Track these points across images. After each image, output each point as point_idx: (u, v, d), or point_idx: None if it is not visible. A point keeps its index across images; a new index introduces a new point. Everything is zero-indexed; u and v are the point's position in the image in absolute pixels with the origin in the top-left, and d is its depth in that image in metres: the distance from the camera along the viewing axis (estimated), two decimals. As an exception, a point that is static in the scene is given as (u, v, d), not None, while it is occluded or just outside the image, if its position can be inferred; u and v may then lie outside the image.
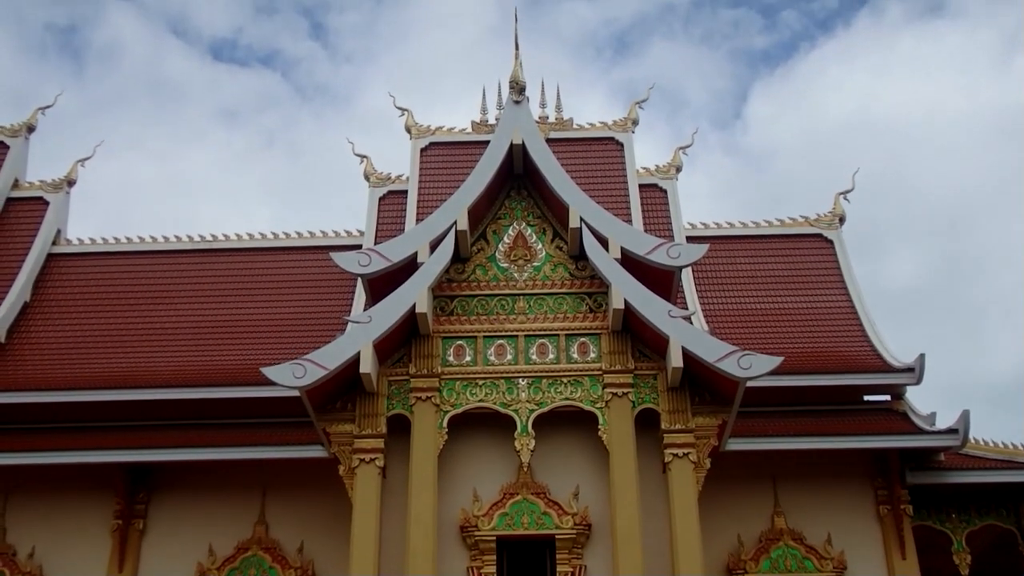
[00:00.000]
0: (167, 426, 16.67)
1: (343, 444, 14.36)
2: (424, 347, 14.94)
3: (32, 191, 21.35)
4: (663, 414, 14.49)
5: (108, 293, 19.79)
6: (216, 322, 18.94)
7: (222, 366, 17.52)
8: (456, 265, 15.54)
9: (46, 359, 18.06)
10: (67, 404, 16.67)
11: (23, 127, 22.09)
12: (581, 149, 20.04)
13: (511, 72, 16.61)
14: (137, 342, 18.49)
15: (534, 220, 16.00)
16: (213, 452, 15.50)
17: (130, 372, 17.47)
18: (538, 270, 15.57)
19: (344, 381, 14.41)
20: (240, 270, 20.16)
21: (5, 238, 20.43)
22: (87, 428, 16.67)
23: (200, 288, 19.80)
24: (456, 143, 20.42)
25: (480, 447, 14.72)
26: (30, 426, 16.85)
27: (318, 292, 19.39)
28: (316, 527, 15.89)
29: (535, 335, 15.07)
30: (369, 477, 14.12)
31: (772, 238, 20.93)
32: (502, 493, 14.33)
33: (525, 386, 14.73)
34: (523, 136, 15.71)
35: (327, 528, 15.74)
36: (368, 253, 14.94)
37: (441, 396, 14.64)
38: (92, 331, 18.83)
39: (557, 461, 14.60)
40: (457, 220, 15.09)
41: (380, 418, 14.47)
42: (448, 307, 15.32)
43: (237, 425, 16.50)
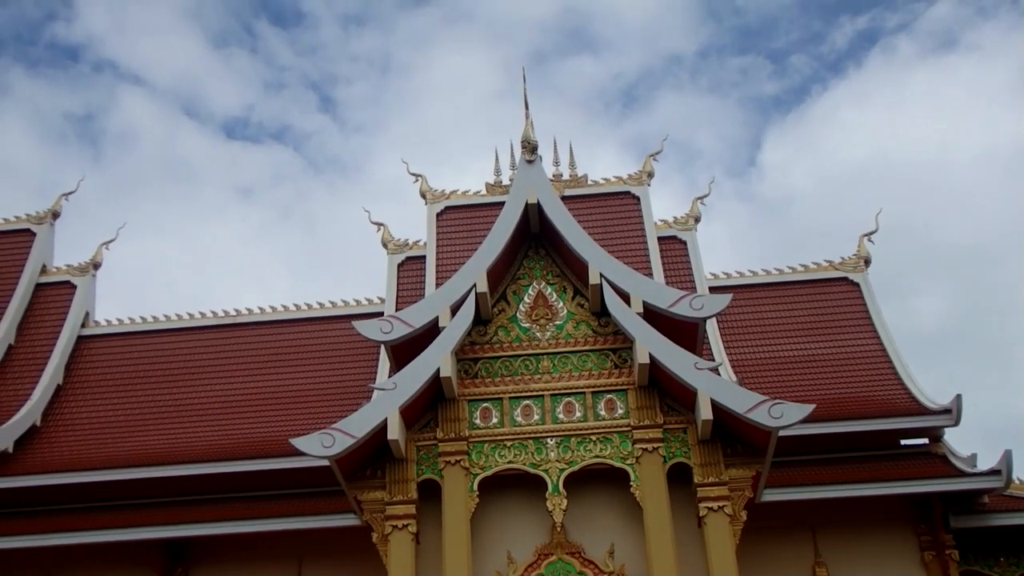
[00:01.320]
0: (201, 501, 16.86)
1: (375, 511, 14.46)
2: (450, 411, 15.08)
3: (59, 276, 21.87)
4: (695, 468, 14.50)
5: (137, 372, 20.15)
6: (244, 396, 19.19)
7: (252, 439, 17.73)
8: (478, 327, 15.71)
9: (81, 439, 18.38)
10: (103, 483, 16.95)
11: (48, 214, 22.68)
12: (597, 204, 20.29)
13: (522, 132, 16.87)
14: (168, 419, 18.77)
15: (553, 279, 16.18)
16: (248, 525, 15.66)
17: (163, 449, 17.73)
18: (560, 328, 15.71)
19: (373, 448, 14.55)
20: (264, 343, 20.46)
21: (36, 323, 20.89)
22: (124, 506, 16.93)
23: (226, 363, 20.10)
24: (471, 206, 20.71)
25: (512, 508, 14.79)
26: (68, 507, 17.12)
27: (342, 361, 19.62)
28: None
29: (561, 394, 15.18)
30: (402, 543, 14.20)
31: (797, 284, 21.00)
32: (537, 554, 14.36)
33: (554, 445, 14.81)
34: (538, 195, 15.95)
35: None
36: (390, 320, 15.14)
37: (470, 459, 14.74)
38: (124, 410, 19.15)
39: (590, 519, 14.64)
40: (476, 283, 15.29)
41: (410, 484, 14.58)
42: (472, 370, 15.47)
43: (270, 497, 16.69)
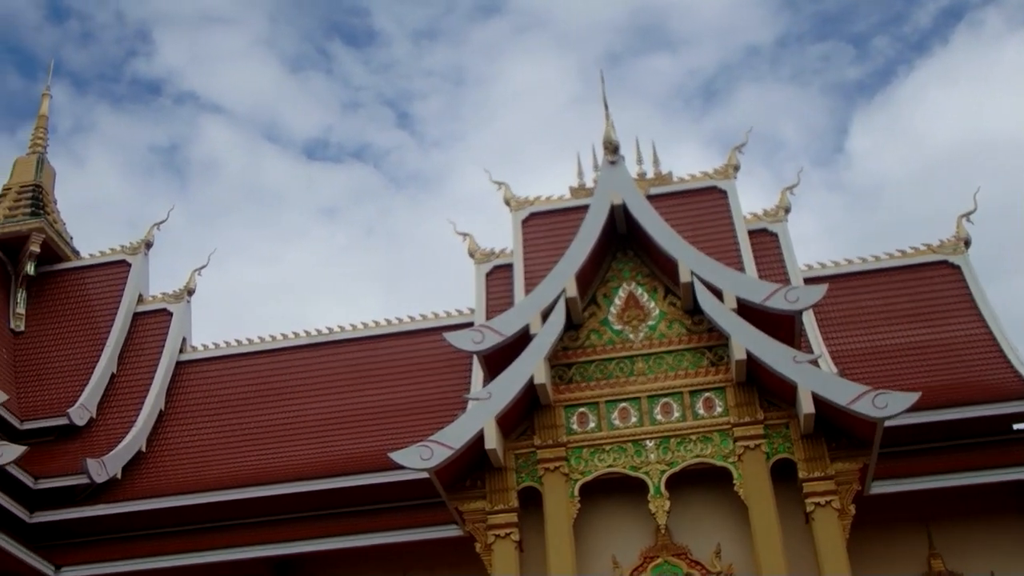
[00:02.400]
0: (304, 518, 17.20)
1: (477, 521, 14.61)
2: (547, 417, 15.15)
3: (156, 304, 22.56)
4: (799, 463, 14.36)
5: (235, 394, 20.67)
6: (341, 412, 19.54)
7: (351, 455, 18.05)
8: (570, 332, 15.77)
9: (185, 463, 18.93)
10: (208, 505, 17.40)
11: (141, 244, 23.42)
12: (684, 201, 20.20)
13: (603, 133, 16.91)
14: (268, 439, 19.21)
15: (643, 279, 16.17)
16: (353, 540, 15.96)
17: (264, 468, 18.15)
18: (653, 329, 15.70)
19: (471, 459, 14.70)
20: (358, 359, 20.81)
21: (136, 351, 21.57)
22: (229, 526, 17.34)
23: (321, 381, 20.50)
24: (556, 211, 20.79)
25: (614, 513, 14.81)
26: (176, 529, 17.60)
27: (435, 373, 19.85)
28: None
29: (658, 395, 15.16)
30: (506, 552, 14.32)
31: (895, 270, 20.62)
32: (642, 557, 14.34)
33: (653, 447, 14.79)
34: (623, 196, 15.97)
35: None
36: (481, 330, 15.29)
37: (569, 465, 14.80)
38: (225, 432, 19.67)
39: (694, 520, 14.58)
40: (566, 288, 15.36)
41: (511, 492, 14.69)
42: (566, 375, 15.53)
43: (372, 511, 16.94)
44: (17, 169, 24.83)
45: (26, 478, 17.62)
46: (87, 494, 17.95)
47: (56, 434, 19.57)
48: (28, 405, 20.10)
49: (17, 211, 23.50)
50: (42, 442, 19.30)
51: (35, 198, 23.88)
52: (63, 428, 19.55)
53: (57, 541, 17.60)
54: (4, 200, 23.95)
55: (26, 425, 19.54)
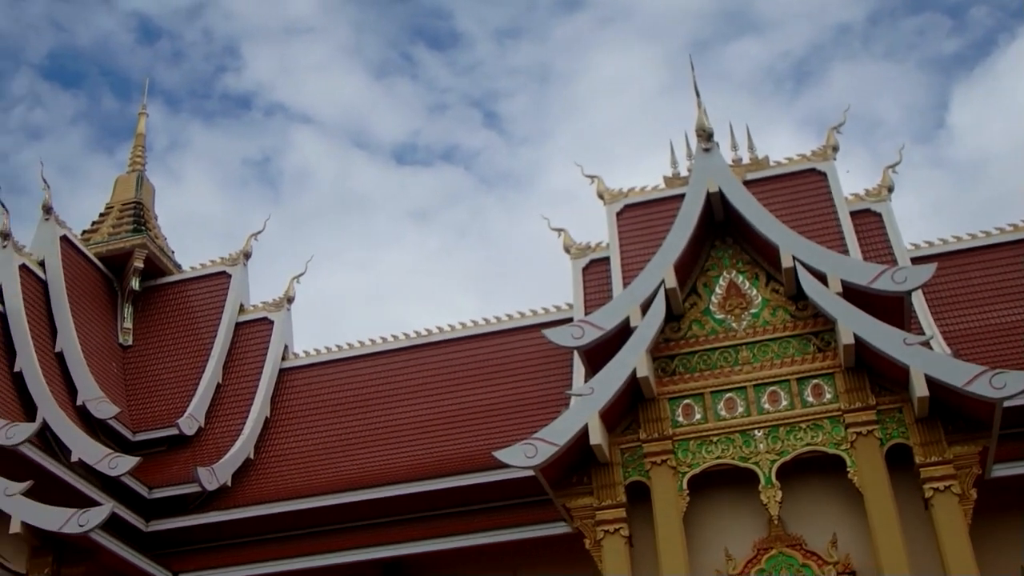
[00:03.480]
0: (412, 520, 17.37)
1: (585, 517, 14.64)
2: (651, 411, 15.12)
3: (257, 313, 23.09)
4: (915, 448, 14.10)
5: (338, 399, 21.04)
6: (443, 413, 19.75)
7: (456, 455, 18.23)
8: (671, 324, 15.71)
9: (292, 468, 19.34)
10: (316, 509, 17.72)
11: (240, 255, 24.00)
12: (782, 185, 19.92)
13: (696, 121, 16.79)
14: (372, 442, 19.51)
15: (744, 266, 16.03)
16: (462, 540, 16.12)
17: (370, 472, 18.44)
18: (757, 317, 15.56)
19: (576, 455, 14.73)
20: (458, 360, 20.99)
21: (240, 360, 22.11)
22: (338, 530, 17.61)
23: (422, 382, 20.74)
24: (651, 201, 20.67)
25: (724, 504, 14.73)
26: (285, 534, 17.91)
27: (536, 370, 19.93)
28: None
29: (764, 383, 15.01)
30: (616, 548, 14.33)
31: (1006, 245, 20.03)
32: (755, 549, 14.22)
33: (762, 437, 14.65)
34: (718, 183, 15.85)
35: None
36: (580, 325, 15.32)
37: (676, 458, 14.74)
38: (330, 437, 20.04)
39: (808, 509, 14.41)
40: (664, 279, 15.30)
41: (618, 487, 14.70)
42: (669, 367, 15.47)
43: (478, 511, 17.05)
44: (118, 187, 25.63)
45: (141, 488, 18.18)
46: (199, 502, 18.44)
47: (167, 444, 20.14)
48: (139, 417, 20.73)
49: (120, 228, 24.25)
50: (154, 452, 19.88)
51: (137, 215, 24.62)
52: (173, 438, 20.11)
53: (173, 549, 18.08)
54: (107, 218, 24.74)
55: (138, 437, 20.16)
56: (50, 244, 21.86)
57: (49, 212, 22.20)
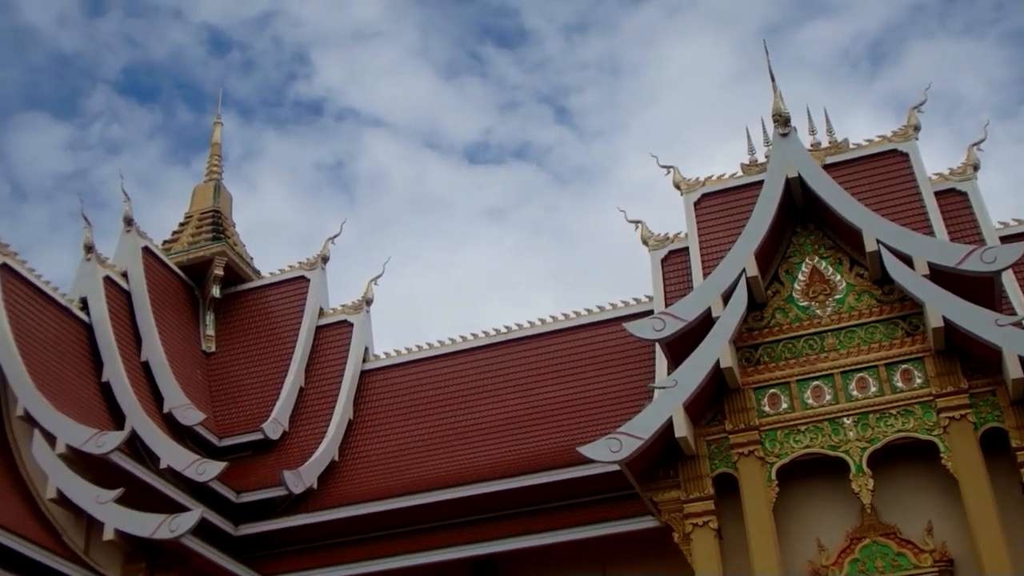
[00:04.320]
0: (498, 518, 17.48)
1: (673, 511, 14.66)
2: (736, 401, 15.07)
3: (336, 316, 23.43)
4: (1011, 431, 13.89)
5: (420, 399, 21.27)
6: (525, 410, 19.86)
7: (539, 452, 18.32)
8: (753, 313, 15.64)
9: (377, 470, 19.61)
10: (403, 509, 17.92)
11: (318, 259, 24.37)
12: (863, 168, 19.65)
13: (772, 106, 16.72)
14: (455, 441, 19.70)
15: (826, 252, 15.90)
16: (550, 536, 16.18)
17: (454, 471, 18.62)
18: (841, 302, 15.42)
19: (662, 448, 14.76)
20: (538, 356, 21.09)
21: (321, 363, 22.46)
22: (425, 530, 17.81)
23: (504, 380, 20.88)
24: (729, 190, 20.54)
25: (815, 494, 14.65)
26: (372, 535, 18.14)
27: (618, 364, 19.95)
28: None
29: (852, 370, 14.89)
30: (706, 541, 14.32)
31: (1100, 221, 19.55)
32: (848, 539, 14.11)
33: (851, 425, 14.53)
34: (797, 168, 15.75)
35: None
36: (661, 317, 15.32)
37: (764, 448, 14.68)
38: (413, 437, 20.27)
39: (901, 497, 14.28)
40: (745, 267, 15.26)
41: (705, 480, 14.69)
42: (753, 356, 15.40)
43: (564, 507, 17.12)
44: (196, 197, 26.20)
45: (229, 493, 18.56)
46: (286, 505, 18.76)
47: (252, 449, 20.53)
48: (224, 422, 21.17)
49: (199, 237, 24.78)
50: (240, 457, 20.27)
51: (215, 223, 25.13)
52: (259, 443, 20.49)
53: (261, 552, 18.41)
54: (187, 228, 25.30)
55: (224, 442, 20.58)
56: (132, 255, 22.39)
57: (130, 224, 22.75)
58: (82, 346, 20.17)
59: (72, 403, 18.22)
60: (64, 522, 16.95)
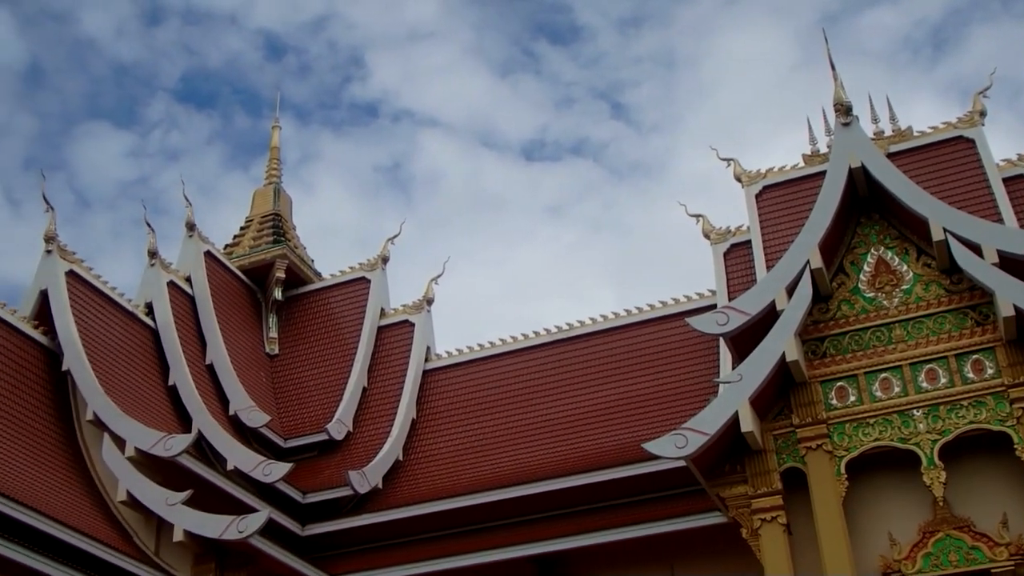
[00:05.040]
0: (563, 515, 17.59)
1: (740, 506, 14.62)
2: (803, 395, 15.00)
3: (398, 316, 23.68)
4: (1088, 421, 13.65)
5: (483, 397, 21.44)
6: (589, 407, 19.93)
7: (604, 448, 18.38)
8: (818, 305, 15.55)
9: (441, 468, 19.80)
10: (467, 508, 18.10)
11: (378, 260, 24.63)
12: (927, 156, 19.43)
13: (833, 95, 16.59)
14: (519, 439, 19.83)
15: (892, 242, 15.77)
16: (616, 533, 16.25)
17: (518, 469, 18.75)
18: (909, 293, 15.28)
19: (728, 443, 14.72)
20: (600, 352, 21.14)
21: (384, 363, 22.71)
22: (490, 528, 17.94)
23: (566, 377, 20.96)
24: (790, 181, 20.40)
25: (885, 488, 14.54)
26: (437, 534, 18.35)
27: (681, 360, 19.95)
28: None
29: (921, 361, 14.75)
30: (774, 536, 14.27)
31: None
32: (921, 533, 14.00)
33: (921, 417, 14.40)
34: (860, 157, 15.64)
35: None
36: (725, 311, 15.27)
37: (832, 442, 14.59)
38: (476, 436, 20.44)
39: (974, 489, 14.13)
40: (810, 259, 15.17)
41: (773, 474, 14.63)
42: (819, 349, 15.31)
43: (631, 504, 17.16)
44: (256, 201, 26.57)
45: (295, 493, 18.83)
46: (352, 505, 19.00)
47: (317, 450, 20.81)
48: (289, 424, 21.47)
49: (260, 240, 25.14)
50: (305, 458, 20.55)
51: (276, 226, 25.48)
52: (323, 443, 20.77)
53: (328, 552, 18.67)
54: (247, 231, 25.68)
55: (289, 443, 20.88)
56: (195, 260, 22.80)
57: (192, 229, 23.15)
58: (148, 350, 20.58)
59: (140, 407, 18.60)
60: (135, 524, 17.30)
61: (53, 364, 19.06)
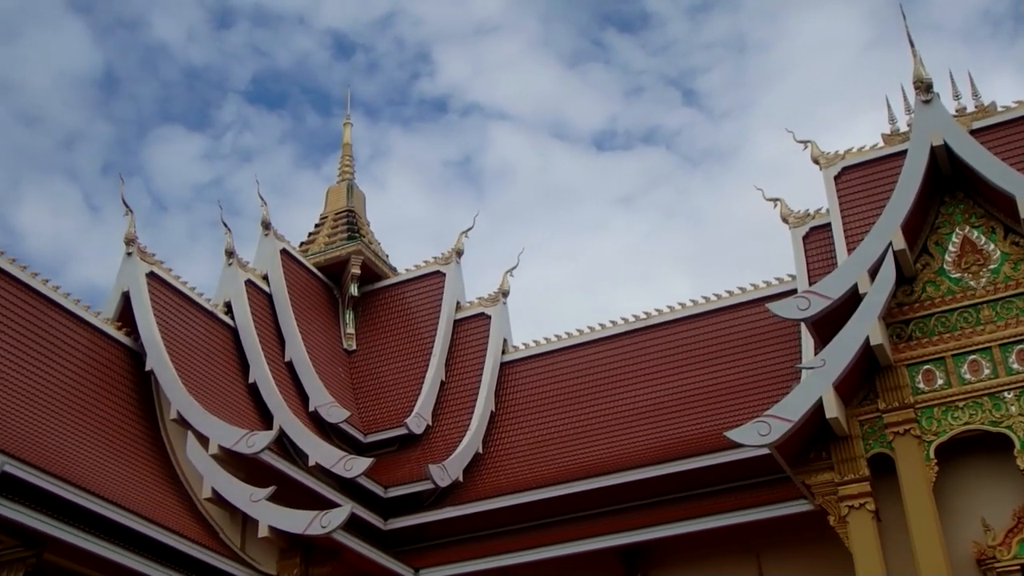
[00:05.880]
0: (646, 506, 17.57)
1: (827, 494, 14.52)
2: (889, 379, 14.83)
3: (473, 309, 23.83)
4: None
5: (561, 389, 21.50)
6: (669, 396, 19.90)
7: (686, 438, 18.35)
8: (902, 287, 15.37)
9: (522, 461, 19.92)
10: (549, 500, 18.19)
11: (452, 253, 24.81)
12: (1012, 131, 18.98)
13: (913, 72, 16.36)
14: (599, 429, 19.87)
15: (978, 221, 15.52)
16: (701, 523, 16.20)
17: (600, 459, 18.79)
18: (996, 272, 15.04)
19: (812, 430, 14.62)
20: (679, 341, 21.08)
21: (461, 357, 22.88)
22: (573, 519, 18.01)
23: (644, 366, 20.94)
24: (870, 162, 20.15)
25: (977, 472, 14.36)
26: (519, 526, 18.43)
27: (762, 346, 19.81)
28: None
29: (1011, 342, 14.53)
30: (863, 523, 14.15)
31: None
32: (1015, 518, 13.79)
33: (1013, 399, 14.19)
34: (943, 135, 15.42)
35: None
36: (806, 296, 15.15)
37: (920, 427, 14.42)
38: (556, 427, 20.51)
39: (1071, 473, 13.82)
40: (892, 241, 14.99)
41: (860, 461, 14.50)
42: (905, 332, 15.13)
43: (714, 493, 17.11)
44: (330, 198, 26.91)
45: (377, 488, 19.08)
46: (433, 499, 19.19)
47: (397, 444, 21.03)
48: (368, 419, 21.74)
49: (335, 237, 25.45)
50: (385, 453, 20.79)
51: (350, 223, 25.78)
52: (403, 438, 20.99)
53: (411, 546, 18.88)
54: (322, 228, 26.02)
55: (369, 438, 21.14)
56: (271, 258, 23.16)
57: (268, 227, 23.50)
58: (228, 349, 20.97)
59: (222, 405, 18.96)
60: (220, 520, 17.65)
61: (136, 364, 19.52)
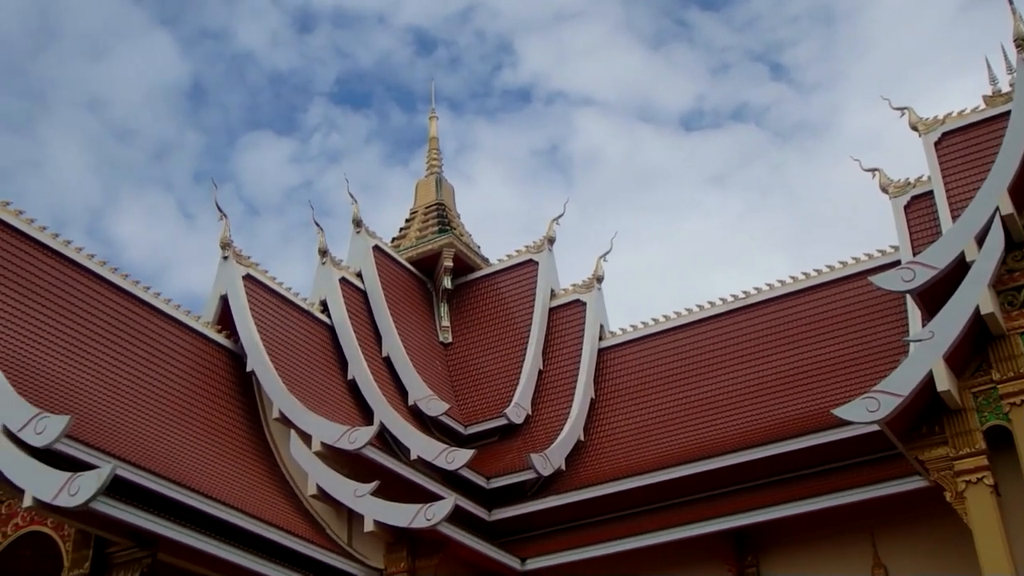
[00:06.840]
0: (754, 487, 17.37)
1: (942, 469, 14.20)
2: (1003, 349, 14.46)
3: (568, 296, 23.84)
4: None
5: (661, 372, 21.40)
6: (772, 375, 19.67)
7: (791, 417, 18.11)
8: (1012, 253, 14.94)
9: (624, 447, 19.87)
10: (654, 485, 18.11)
11: (544, 241, 24.84)
12: (1123, 85, 18.39)
13: (1013, 30, 15.96)
14: (701, 412, 19.73)
15: (1090, 179, 14.98)
16: (814, 503, 15.98)
17: (703, 442, 18.66)
18: (1112, 230, 14.52)
19: (923, 404, 14.32)
20: (780, 319, 20.83)
21: (558, 344, 22.90)
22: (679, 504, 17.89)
23: (746, 346, 20.73)
24: (970, 125, 19.62)
25: (1101, 442, 13.83)
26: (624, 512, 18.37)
27: (867, 320, 19.47)
28: (934, 559, 15.52)
29: None
30: (982, 498, 13.82)
31: None
32: None
33: None
34: (1049, 91, 14.91)
35: (945, 558, 15.30)
36: (910, 267, 14.82)
37: (1038, 396, 14.01)
38: (657, 411, 20.42)
39: None
40: (999, 205, 14.57)
41: (975, 434, 14.15)
42: (1017, 299, 14.73)
43: (823, 472, 16.86)
44: (419, 192, 27.13)
45: (479, 479, 19.21)
46: (536, 488, 19.24)
47: (498, 434, 21.14)
48: (468, 411, 21.89)
49: (426, 231, 25.67)
50: (486, 444, 20.91)
51: (440, 216, 25.96)
52: (503, 428, 21.09)
53: (516, 536, 18.93)
54: (413, 223, 26.25)
55: (470, 429, 21.30)
56: (364, 255, 23.44)
57: (359, 225, 23.78)
58: (326, 347, 21.30)
59: (322, 402, 19.27)
60: (326, 516, 17.97)
61: (238, 365, 19.94)
